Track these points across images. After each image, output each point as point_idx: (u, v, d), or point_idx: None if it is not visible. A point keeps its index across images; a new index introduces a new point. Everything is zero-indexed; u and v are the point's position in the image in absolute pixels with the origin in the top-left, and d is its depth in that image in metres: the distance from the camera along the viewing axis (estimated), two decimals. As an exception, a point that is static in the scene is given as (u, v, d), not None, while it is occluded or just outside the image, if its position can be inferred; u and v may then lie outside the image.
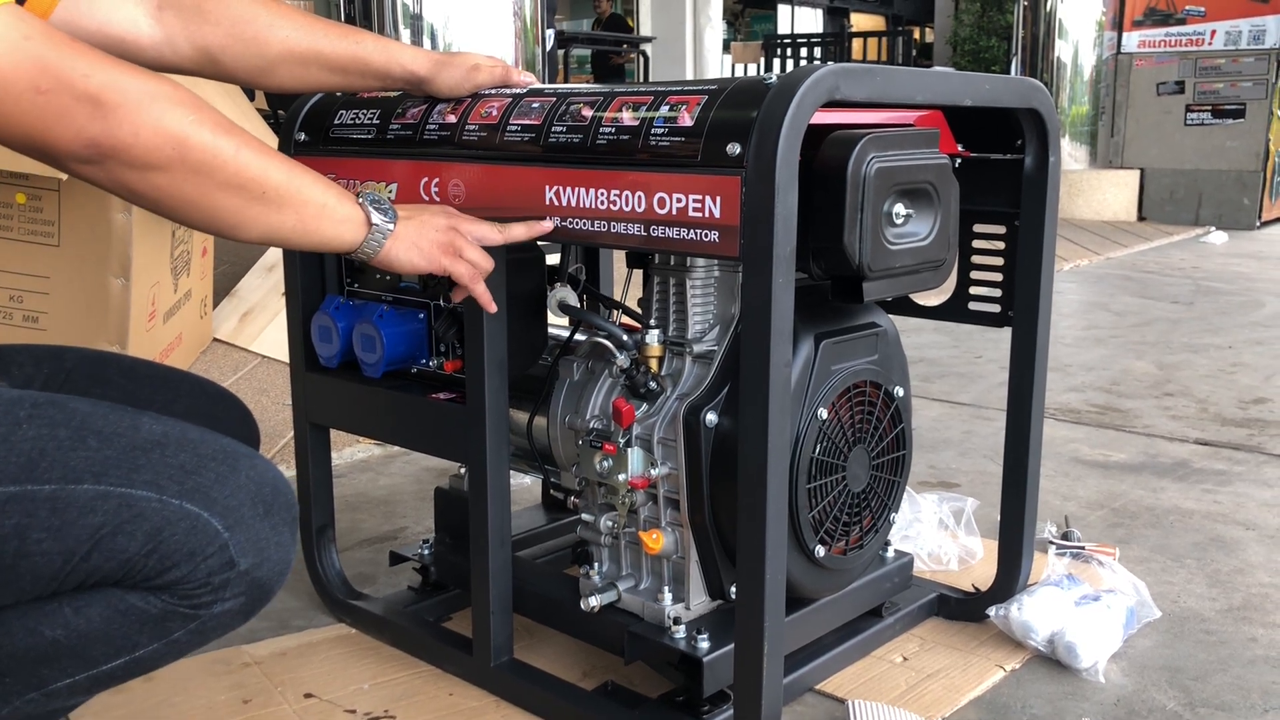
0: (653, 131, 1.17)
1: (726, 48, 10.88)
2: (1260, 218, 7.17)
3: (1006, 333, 1.56)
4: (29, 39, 0.92)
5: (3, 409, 0.97)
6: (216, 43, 1.29)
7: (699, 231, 1.13)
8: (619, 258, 1.76)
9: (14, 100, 0.91)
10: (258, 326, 3.11)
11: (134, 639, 1.01)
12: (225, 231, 1.06)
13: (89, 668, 1.02)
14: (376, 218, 1.14)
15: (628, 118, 1.20)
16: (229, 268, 3.41)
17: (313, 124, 1.53)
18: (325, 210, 1.11)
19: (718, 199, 1.11)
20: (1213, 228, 7.00)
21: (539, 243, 1.46)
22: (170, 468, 0.99)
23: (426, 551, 1.65)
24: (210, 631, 1.04)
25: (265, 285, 3.25)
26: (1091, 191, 7.30)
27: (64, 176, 2.17)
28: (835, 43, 10.44)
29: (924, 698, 1.43)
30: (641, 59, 9.57)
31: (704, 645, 1.30)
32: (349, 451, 2.47)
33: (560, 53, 7.48)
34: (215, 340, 3.05)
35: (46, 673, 1.01)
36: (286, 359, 2.91)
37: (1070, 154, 7.41)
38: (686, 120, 1.15)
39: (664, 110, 1.18)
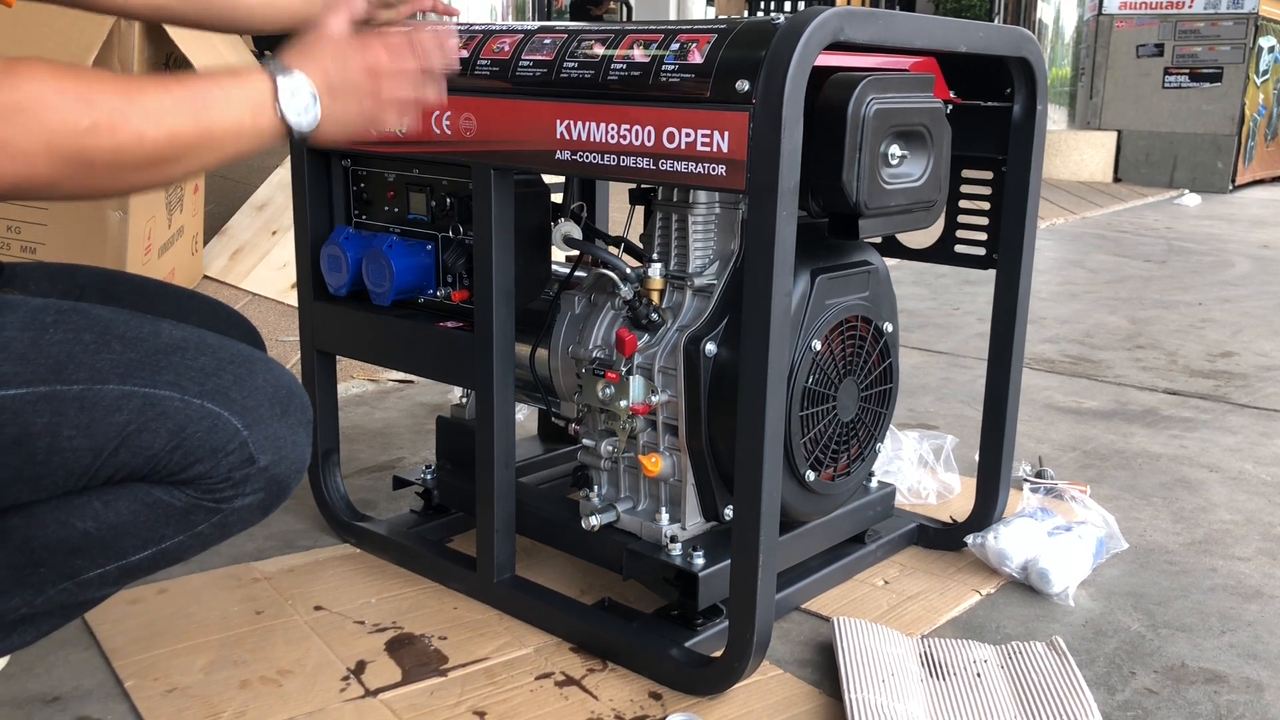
0: (663, 68, 1.22)
1: None
2: (1233, 181, 7.28)
3: (984, 286, 1.63)
4: None
5: (29, 315, 1.02)
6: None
7: (707, 165, 1.19)
8: (615, 195, 1.81)
9: None
10: (248, 265, 3.14)
11: (161, 531, 1.07)
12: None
13: (119, 558, 1.08)
14: (294, 117, 1.01)
15: (639, 55, 1.25)
16: (216, 207, 3.43)
17: (323, 57, 1.57)
18: (240, 131, 1.00)
19: (725, 134, 1.17)
20: (1186, 190, 7.11)
21: (544, 178, 1.51)
22: (191, 370, 1.04)
23: (429, 476, 1.71)
24: (232, 525, 1.10)
25: (255, 224, 3.28)
26: (1069, 152, 7.39)
27: (64, 108, 2.19)
28: (819, -3, 10.41)
29: (905, 617, 1.51)
30: (624, 8, 9.52)
31: (699, 561, 1.37)
32: (343, 387, 2.52)
33: None
34: (206, 277, 3.08)
35: (79, 563, 1.07)
36: (277, 297, 2.97)
37: (1049, 115, 7.48)
38: (696, 58, 1.20)
39: (674, 48, 1.23)
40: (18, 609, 1.11)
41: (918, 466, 1.97)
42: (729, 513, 1.39)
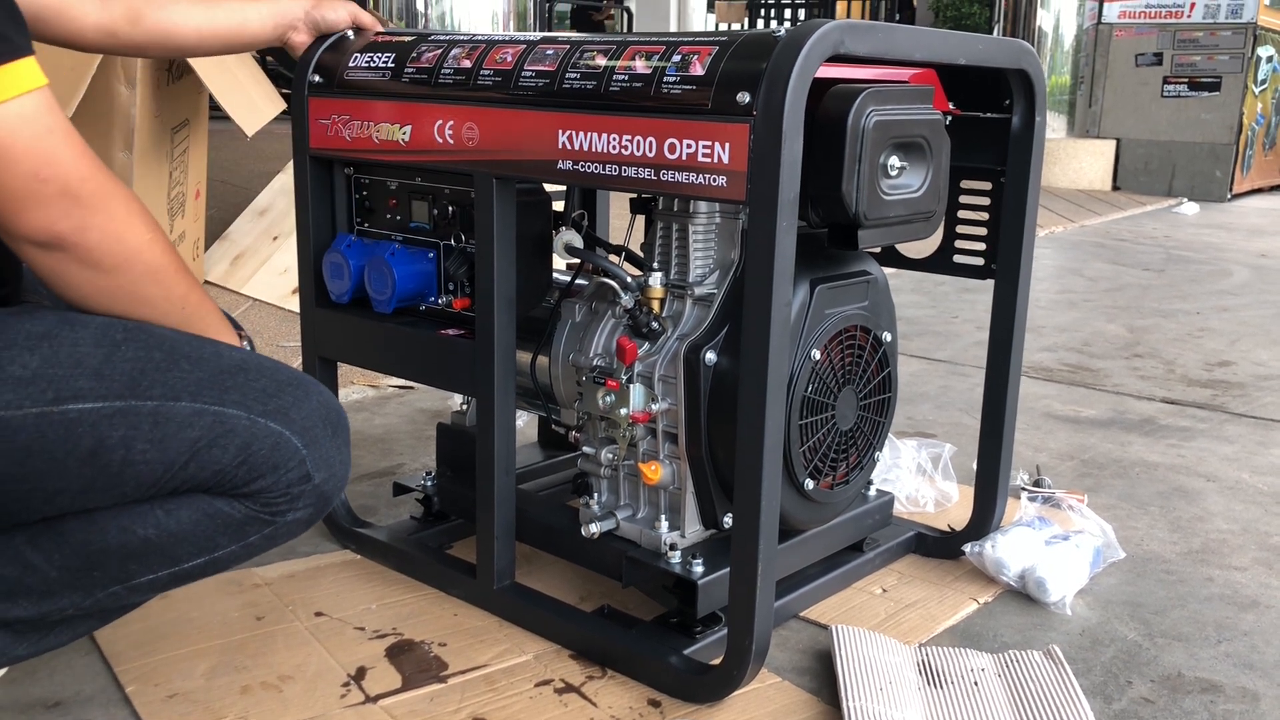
0: (665, 79, 1.23)
1: (711, 6, 10.85)
2: (1231, 190, 7.30)
3: (983, 294, 1.64)
4: (51, 132, 0.98)
5: (100, 331, 1.06)
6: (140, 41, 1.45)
7: (708, 176, 1.20)
8: (616, 205, 1.82)
9: (11, 176, 0.98)
10: (249, 270, 3.15)
11: (216, 540, 1.12)
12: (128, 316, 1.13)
13: (172, 565, 1.13)
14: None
15: (640, 66, 1.26)
16: (217, 212, 3.44)
17: (326, 67, 1.58)
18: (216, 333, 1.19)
19: (726, 145, 1.17)
20: (1185, 199, 7.12)
21: (545, 186, 1.52)
22: (254, 390, 1.10)
23: (429, 483, 1.72)
24: (280, 537, 1.15)
25: (256, 229, 3.29)
26: (1068, 160, 7.40)
27: (66, 114, 2.20)
28: (820, 5, 10.44)
29: (902, 625, 1.52)
30: (625, 16, 9.55)
31: (699, 569, 1.38)
32: (344, 393, 2.53)
33: (545, 5, 7.47)
34: (207, 282, 3.09)
35: (134, 568, 1.12)
36: (277, 302, 2.98)
37: (1048, 123, 7.48)
38: (698, 69, 1.21)
39: (676, 59, 1.24)
40: (64, 610, 1.14)
41: (916, 475, 1.98)
42: (728, 520, 1.40)
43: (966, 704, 1.32)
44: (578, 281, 1.60)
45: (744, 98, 1.16)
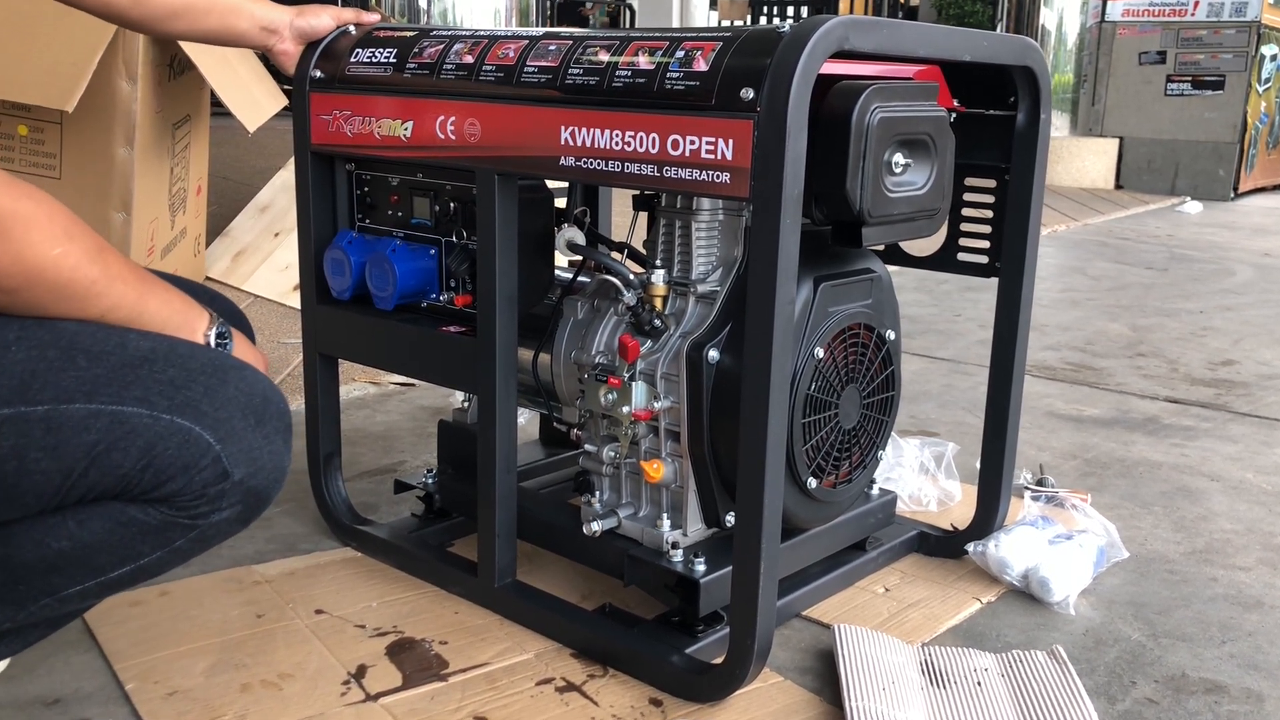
0: (668, 76, 1.22)
1: (713, 3, 10.84)
2: (1235, 189, 7.29)
3: (986, 293, 1.63)
4: None
5: None
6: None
7: (711, 173, 1.19)
8: (619, 201, 1.81)
9: None
10: (250, 267, 3.14)
11: (137, 548, 1.06)
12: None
13: (97, 575, 1.07)
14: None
15: (644, 62, 1.25)
16: (218, 209, 3.44)
17: (329, 62, 1.57)
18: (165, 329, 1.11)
19: (730, 141, 1.17)
20: (1188, 198, 7.11)
21: (548, 183, 1.52)
22: (159, 383, 1.02)
23: (430, 480, 1.72)
24: (211, 539, 1.09)
25: (258, 226, 3.28)
26: (1071, 159, 7.39)
27: (68, 109, 2.20)
28: (823, 1, 10.43)
29: (905, 625, 1.51)
30: (627, 12, 9.54)
31: (700, 568, 1.37)
32: (345, 390, 2.52)
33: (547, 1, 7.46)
34: (208, 279, 3.09)
35: (57, 580, 1.06)
36: (279, 299, 2.97)
37: (1051, 121, 7.47)
38: (701, 65, 1.20)
39: (679, 55, 1.23)
40: (1, 625, 1.10)
41: (919, 474, 1.97)
42: (730, 519, 1.39)
43: (969, 704, 1.31)
44: (580, 279, 1.60)
45: (748, 94, 1.15)
